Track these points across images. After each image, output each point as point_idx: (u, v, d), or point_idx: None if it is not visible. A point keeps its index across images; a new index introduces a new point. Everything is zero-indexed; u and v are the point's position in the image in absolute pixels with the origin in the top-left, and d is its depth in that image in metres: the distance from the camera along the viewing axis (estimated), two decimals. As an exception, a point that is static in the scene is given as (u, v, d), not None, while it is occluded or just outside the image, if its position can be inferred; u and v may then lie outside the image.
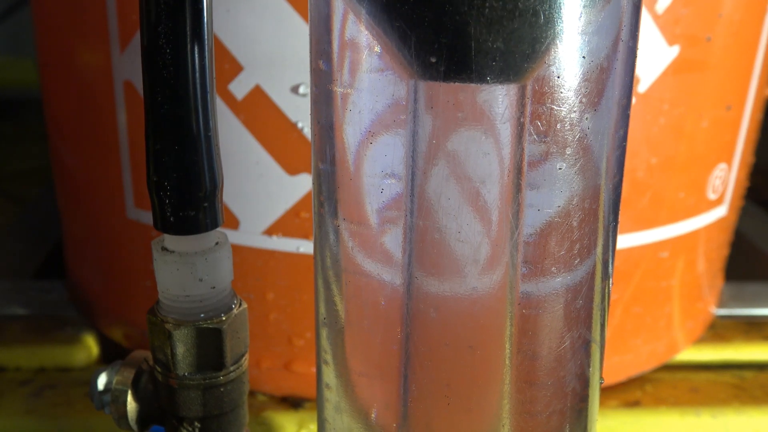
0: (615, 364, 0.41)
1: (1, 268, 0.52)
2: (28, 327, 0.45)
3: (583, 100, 0.18)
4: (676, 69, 0.34)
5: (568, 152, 0.18)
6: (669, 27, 0.33)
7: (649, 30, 0.33)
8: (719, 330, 0.47)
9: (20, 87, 0.87)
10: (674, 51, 0.34)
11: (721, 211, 0.41)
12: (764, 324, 0.48)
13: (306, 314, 0.37)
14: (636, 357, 0.42)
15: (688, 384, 0.42)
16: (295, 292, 0.37)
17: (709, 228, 0.41)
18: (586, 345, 0.20)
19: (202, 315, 0.22)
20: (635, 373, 0.42)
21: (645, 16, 0.33)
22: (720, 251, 0.45)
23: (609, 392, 0.41)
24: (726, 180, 0.40)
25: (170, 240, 0.22)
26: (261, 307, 0.37)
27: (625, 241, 0.37)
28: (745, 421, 0.39)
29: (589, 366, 0.21)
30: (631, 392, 0.41)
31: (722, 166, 0.39)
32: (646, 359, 0.42)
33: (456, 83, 0.17)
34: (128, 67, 0.36)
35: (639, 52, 0.19)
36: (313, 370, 0.38)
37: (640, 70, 0.34)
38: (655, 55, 0.34)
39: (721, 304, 0.49)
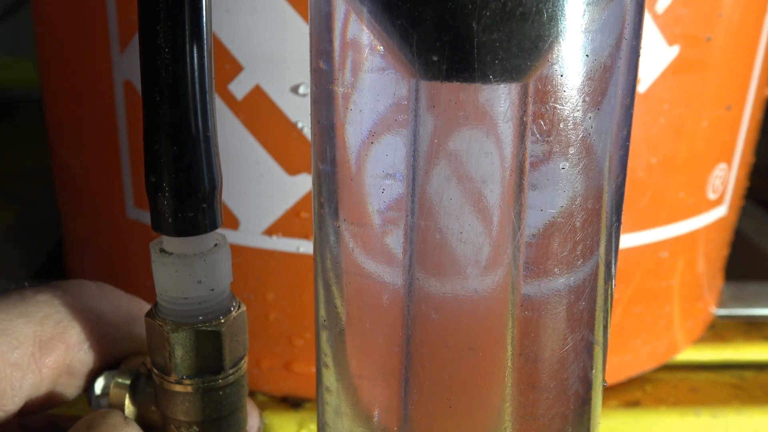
0: (615, 364, 0.41)
1: (1, 268, 0.52)
2: (26, 328, 0.44)
3: (587, 99, 0.18)
4: (676, 69, 0.34)
5: (571, 152, 0.18)
6: (669, 27, 0.33)
7: (649, 30, 0.33)
8: (719, 330, 0.47)
9: (20, 87, 0.87)
10: (674, 51, 0.34)
11: (721, 211, 0.41)
12: (764, 324, 0.48)
13: (306, 314, 0.37)
14: (636, 357, 0.42)
15: (688, 384, 0.42)
16: (295, 292, 0.37)
17: (709, 228, 0.41)
18: (589, 347, 0.20)
19: (200, 317, 0.22)
20: (635, 373, 0.42)
21: (645, 16, 0.33)
22: (720, 251, 0.45)
23: (609, 392, 0.41)
24: (726, 180, 0.40)
25: (168, 241, 0.22)
26: (261, 308, 0.37)
27: (625, 241, 0.37)
28: (745, 421, 0.39)
29: (591, 368, 0.21)
30: (631, 392, 0.41)
31: (722, 166, 0.39)
32: (646, 359, 0.42)
33: (458, 82, 0.17)
34: (128, 67, 0.36)
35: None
36: (313, 370, 0.38)
37: (640, 70, 0.34)
38: (655, 55, 0.34)
39: (721, 304, 0.49)
